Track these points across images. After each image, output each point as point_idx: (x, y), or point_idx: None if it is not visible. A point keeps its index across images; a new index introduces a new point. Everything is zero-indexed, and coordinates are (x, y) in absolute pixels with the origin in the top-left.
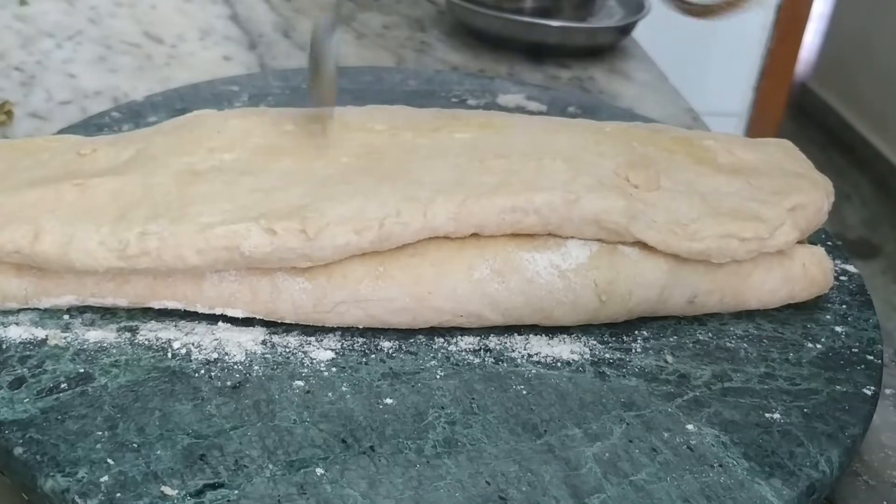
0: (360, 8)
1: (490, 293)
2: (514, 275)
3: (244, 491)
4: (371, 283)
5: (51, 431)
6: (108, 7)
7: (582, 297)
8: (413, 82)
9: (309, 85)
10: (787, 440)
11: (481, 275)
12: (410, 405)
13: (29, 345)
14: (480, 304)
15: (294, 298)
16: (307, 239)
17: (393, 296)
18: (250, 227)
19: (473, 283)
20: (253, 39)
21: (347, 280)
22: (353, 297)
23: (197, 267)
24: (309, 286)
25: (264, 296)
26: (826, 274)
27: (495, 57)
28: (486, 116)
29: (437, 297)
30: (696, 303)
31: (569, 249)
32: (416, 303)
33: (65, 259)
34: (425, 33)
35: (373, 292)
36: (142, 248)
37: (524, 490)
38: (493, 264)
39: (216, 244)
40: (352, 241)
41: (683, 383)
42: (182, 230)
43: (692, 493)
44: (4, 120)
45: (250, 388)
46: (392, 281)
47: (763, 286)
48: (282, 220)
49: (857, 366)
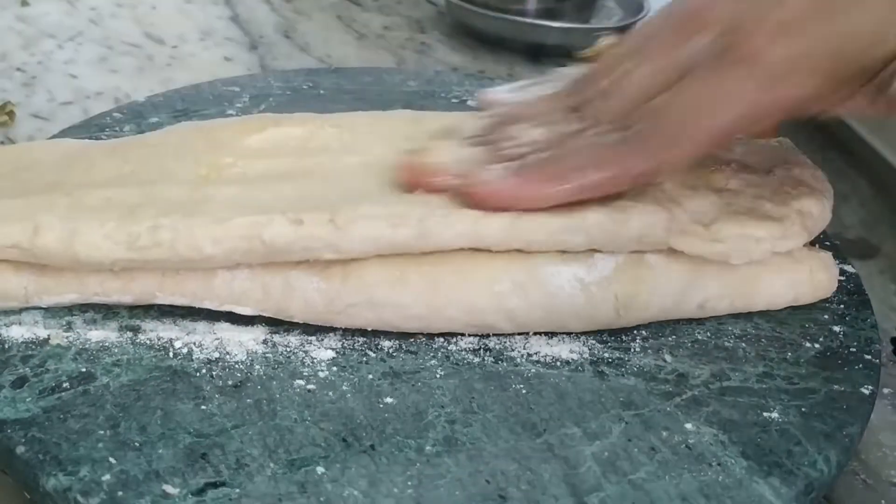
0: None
1: (509, 307)
2: (536, 288)
3: (245, 489)
4: (388, 288)
5: (53, 430)
6: (110, 8)
7: (601, 311)
8: (413, 83)
9: None
10: (785, 439)
11: (502, 287)
12: (410, 404)
13: (31, 344)
14: (496, 317)
15: (307, 297)
16: (336, 228)
17: (407, 302)
18: (273, 217)
19: (492, 296)
20: (254, 40)
21: (364, 283)
22: (368, 300)
23: (213, 258)
24: (324, 286)
25: (276, 294)
26: (832, 279)
27: (495, 58)
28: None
29: (453, 308)
30: (706, 307)
31: (595, 261)
32: (430, 312)
33: (69, 252)
34: (425, 34)
35: (387, 297)
36: (154, 240)
37: (524, 489)
38: (516, 277)
39: (235, 233)
40: (384, 234)
41: (682, 382)
42: (197, 222)
43: (691, 492)
44: (6, 121)
45: (251, 387)
46: (409, 288)
47: (770, 290)
48: (310, 212)
49: (855, 365)
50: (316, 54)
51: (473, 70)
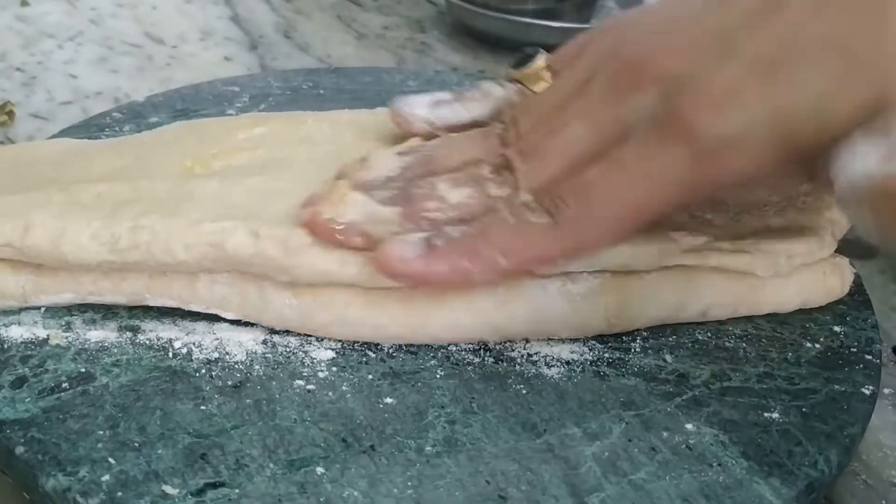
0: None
1: (492, 322)
2: (520, 303)
3: (245, 490)
4: (360, 309)
5: (52, 431)
6: (110, 8)
7: (591, 321)
8: (413, 83)
9: None
10: (785, 439)
11: (483, 305)
12: (410, 404)
13: (30, 344)
14: (481, 332)
15: (280, 312)
16: (287, 253)
17: (384, 323)
18: (238, 225)
19: (474, 313)
20: (254, 40)
21: (335, 302)
22: (341, 320)
23: (185, 263)
24: (295, 302)
25: (253, 302)
26: (845, 285)
27: (495, 58)
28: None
29: (433, 328)
30: (708, 315)
31: (580, 274)
32: (410, 331)
33: (56, 252)
34: (425, 34)
35: (362, 318)
36: (132, 242)
37: (524, 489)
38: (497, 295)
39: (203, 240)
40: (332, 270)
41: (682, 383)
42: (174, 224)
43: (691, 492)
44: (5, 120)
45: (251, 387)
46: (382, 309)
47: (777, 297)
48: (270, 226)
49: (855, 365)
50: (316, 54)
51: (473, 70)
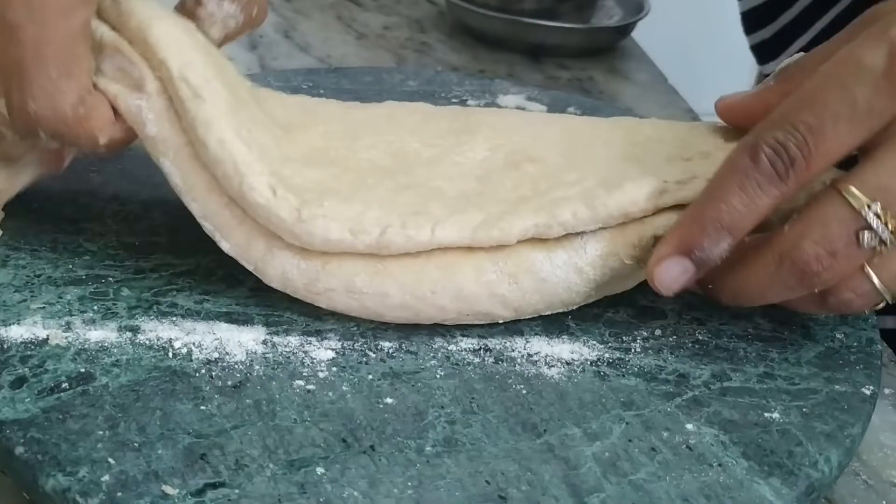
0: None
1: (501, 293)
2: (526, 276)
3: (245, 490)
4: (368, 277)
5: (52, 431)
6: None
7: (602, 285)
8: (413, 83)
9: None
10: (786, 440)
11: (490, 277)
12: (410, 404)
13: (30, 344)
14: (490, 303)
15: (285, 271)
16: (299, 220)
17: (391, 292)
18: (264, 171)
19: (482, 285)
20: (253, 40)
21: (343, 270)
22: (347, 287)
23: None
24: (303, 265)
25: (256, 253)
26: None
27: (495, 58)
28: (511, 115)
29: (442, 297)
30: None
31: (584, 243)
32: (417, 301)
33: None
34: (425, 34)
35: (368, 286)
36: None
37: (524, 489)
38: (504, 267)
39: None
40: (345, 239)
41: (682, 383)
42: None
43: (691, 493)
44: None
45: (251, 387)
46: (391, 279)
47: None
48: (287, 187)
49: (855, 365)
50: (316, 54)
51: (473, 70)
